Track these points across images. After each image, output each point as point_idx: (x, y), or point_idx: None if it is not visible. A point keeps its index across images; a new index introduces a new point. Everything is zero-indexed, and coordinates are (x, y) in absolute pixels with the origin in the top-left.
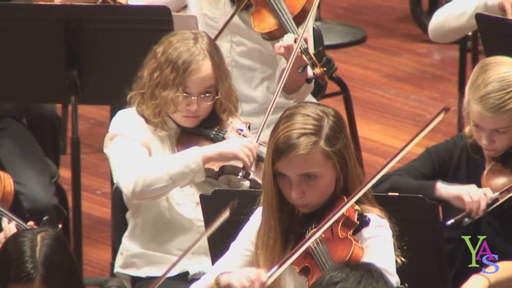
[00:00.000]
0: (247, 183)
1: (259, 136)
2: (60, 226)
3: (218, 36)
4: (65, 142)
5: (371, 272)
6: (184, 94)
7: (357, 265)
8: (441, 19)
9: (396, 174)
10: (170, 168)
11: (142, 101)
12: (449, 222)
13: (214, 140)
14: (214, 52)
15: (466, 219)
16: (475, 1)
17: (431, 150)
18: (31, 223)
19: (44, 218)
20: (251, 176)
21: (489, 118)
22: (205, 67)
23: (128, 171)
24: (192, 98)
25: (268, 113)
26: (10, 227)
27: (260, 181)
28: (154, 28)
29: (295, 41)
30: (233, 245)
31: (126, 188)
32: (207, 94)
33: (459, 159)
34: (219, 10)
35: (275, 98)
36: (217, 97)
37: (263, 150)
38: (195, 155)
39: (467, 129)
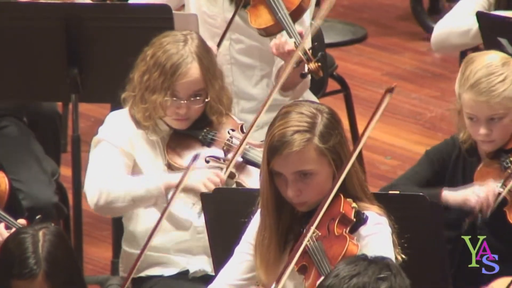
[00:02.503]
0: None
1: (246, 136)
2: (52, 224)
3: (221, 40)
4: (65, 140)
5: (389, 266)
6: (173, 98)
7: (375, 258)
8: (443, 34)
9: (401, 183)
10: (132, 190)
11: (134, 103)
12: (465, 226)
13: (202, 141)
14: (203, 55)
15: (479, 219)
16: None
17: (430, 152)
18: (22, 221)
19: (37, 217)
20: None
21: (483, 104)
22: (193, 71)
23: (95, 184)
24: (181, 102)
25: (258, 116)
26: None
27: (245, 184)
28: (154, 27)
29: (287, 33)
30: (237, 249)
31: (91, 201)
32: (197, 98)
33: (457, 159)
34: (217, 7)
35: (267, 100)
36: (207, 99)
37: (251, 152)
38: (158, 182)
39: (461, 135)
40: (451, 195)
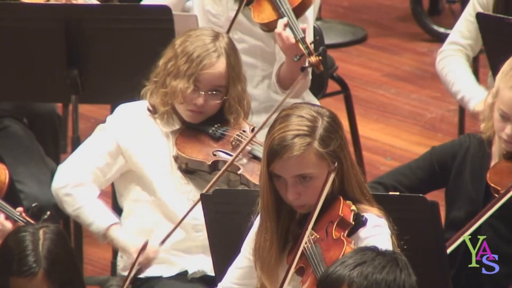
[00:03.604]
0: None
1: (252, 137)
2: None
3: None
4: (65, 141)
5: (397, 260)
6: (193, 87)
7: (385, 251)
8: (440, 74)
9: (387, 177)
10: (85, 211)
11: (155, 90)
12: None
13: (212, 136)
14: (232, 54)
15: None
16: (465, 90)
17: (434, 151)
18: (20, 209)
19: (47, 215)
20: (143, 272)
21: None
22: (219, 65)
23: (69, 175)
24: (200, 92)
25: (267, 119)
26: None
27: (249, 178)
28: (154, 28)
29: (288, 26)
30: (242, 249)
31: (55, 182)
32: (215, 92)
33: (463, 160)
34: (221, 6)
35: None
36: (225, 97)
37: (259, 148)
38: (103, 225)
39: (482, 125)
40: None
